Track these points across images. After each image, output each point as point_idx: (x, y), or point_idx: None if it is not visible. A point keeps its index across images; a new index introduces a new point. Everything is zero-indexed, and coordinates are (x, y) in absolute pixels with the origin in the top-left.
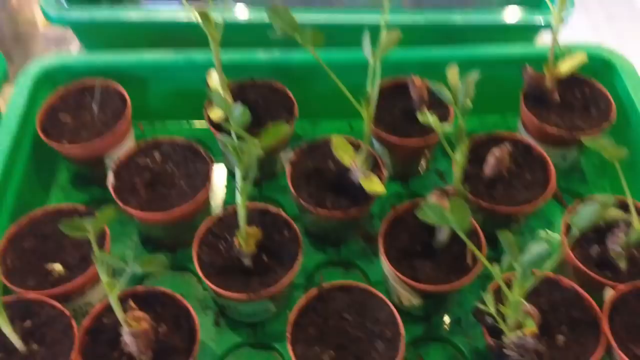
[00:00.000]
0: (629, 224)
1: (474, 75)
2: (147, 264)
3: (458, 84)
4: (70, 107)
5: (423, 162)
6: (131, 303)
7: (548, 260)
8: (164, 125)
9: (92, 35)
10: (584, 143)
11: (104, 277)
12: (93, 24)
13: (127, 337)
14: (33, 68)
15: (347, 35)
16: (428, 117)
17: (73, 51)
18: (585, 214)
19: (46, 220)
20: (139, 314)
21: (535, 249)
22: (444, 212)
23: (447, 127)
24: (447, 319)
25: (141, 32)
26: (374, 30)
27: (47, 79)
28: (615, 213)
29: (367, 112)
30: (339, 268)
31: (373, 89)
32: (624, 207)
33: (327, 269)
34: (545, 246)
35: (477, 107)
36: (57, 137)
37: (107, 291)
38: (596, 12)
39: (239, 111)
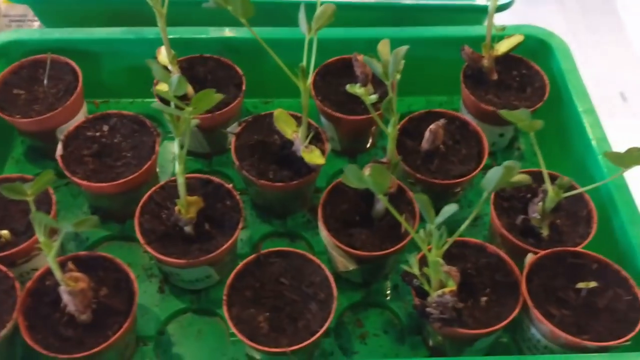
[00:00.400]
0: (546, 193)
1: (402, 50)
2: (79, 224)
3: (389, 58)
4: (23, 82)
5: (370, 138)
6: (70, 265)
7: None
8: (119, 102)
9: (51, 12)
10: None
11: (40, 237)
12: (51, 1)
13: (64, 296)
14: None
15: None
16: (355, 89)
17: (36, 26)
18: (492, 177)
19: None
20: (77, 274)
21: (447, 210)
22: (362, 175)
23: (373, 98)
24: (387, 285)
25: (99, 9)
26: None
27: (2, 54)
28: (521, 178)
29: (303, 85)
30: (284, 239)
31: (309, 62)
32: (553, 178)
33: (272, 239)
34: (455, 207)
35: (424, 89)
36: (11, 112)
37: (45, 251)
38: (571, 4)
39: (176, 80)
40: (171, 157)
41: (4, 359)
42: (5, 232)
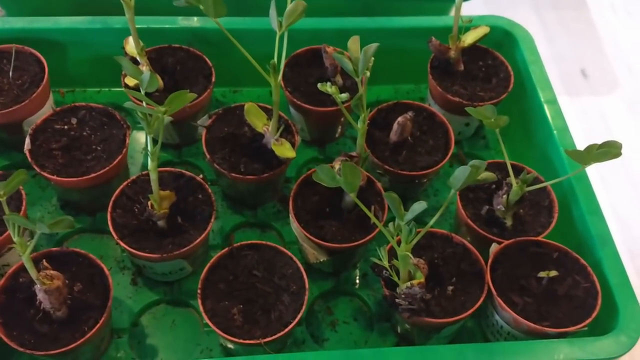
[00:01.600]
0: (510, 186)
1: (372, 47)
2: (55, 225)
3: (359, 55)
4: None
5: (339, 128)
6: (44, 262)
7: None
8: (85, 91)
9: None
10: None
11: (15, 238)
12: None
13: (40, 294)
14: None
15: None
16: (327, 87)
17: None
18: (459, 176)
19: None
20: (52, 272)
21: (416, 207)
22: (334, 174)
23: (343, 96)
24: (356, 274)
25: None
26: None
27: None
28: (487, 175)
29: (274, 81)
30: (255, 229)
31: (280, 58)
32: (517, 170)
33: (243, 230)
34: (424, 205)
35: (392, 77)
36: None
37: (19, 251)
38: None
39: (147, 78)
40: (140, 147)
41: None
42: None
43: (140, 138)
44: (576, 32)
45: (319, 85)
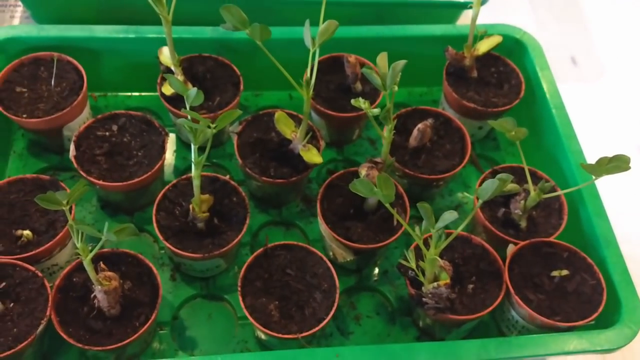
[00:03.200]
0: (528, 192)
1: (400, 64)
2: (120, 233)
3: (387, 71)
4: (25, 80)
5: (357, 131)
6: (102, 265)
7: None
8: (117, 96)
9: (38, 1)
10: (495, 118)
11: (79, 244)
12: None
13: (99, 295)
14: None
15: (287, 10)
16: (361, 103)
17: (17, 14)
18: (488, 187)
19: (12, 190)
20: (109, 273)
21: (447, 217)
22: (372, 186)
23: (375, 111)
24: (376, 271)
25: (91, 3)
26: (313, 6)
27: (0, 51)
28: (512, 187)
29: (306, 94)
30: (280, 227)
31: (312, 73)
32: (530, 173)
33: (269, 228)
34: (455, 215)
35: (405, 81)
36: (16, 110)
37: (82, 256)
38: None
39: (194, 94)
40: (170, 149)
41: (35, 354)
42: (27, 232)
43: (171, 140)
44: (566, 20)
45: (352, 101)
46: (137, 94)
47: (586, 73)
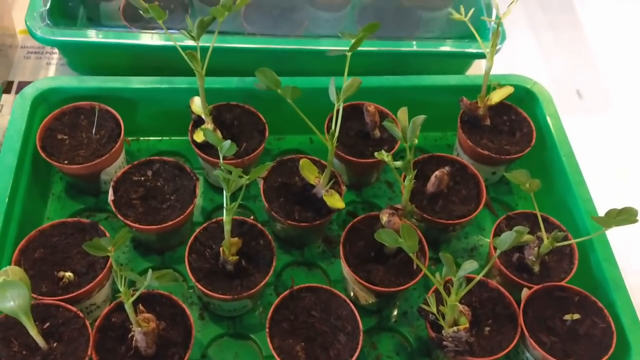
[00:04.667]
0: (541, 239)
1: (420, 119)
2: (161, 278)
3: (407, 124)
4: (66, 128)
5: (375, 175)
6: (141, 307)
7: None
8: (148, 140)
9: (76, 53)
10: (509, 164)
11: (122, 289)
12: (78, 46)
13: (138, 336)
14: (30, 90)
15: (308, 59)
16: (384, 156)
17: (53, 61)
18: (505, 239)
19: (54, 233)
20: (148, 315)
21: (467, 266)
22: (396, 237)
23: (397, 164)
24: (395, 312)
25: (125, 54)
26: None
27: (43, 100)
28: (527, 238)
29: (331, 145)
30: (303, 268)
31: (336, 126)
32: (543, 220)
33: (292, 268)
34: (475, 265)
35: (422, 127)
36: (58, 157)
37: (124, 299)
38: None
39: (227, 145)
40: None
41: None
42: (69, 274)
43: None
44: (572, 53)
45: (375, 154)
46: (167, 138)
47: (591, 106)
